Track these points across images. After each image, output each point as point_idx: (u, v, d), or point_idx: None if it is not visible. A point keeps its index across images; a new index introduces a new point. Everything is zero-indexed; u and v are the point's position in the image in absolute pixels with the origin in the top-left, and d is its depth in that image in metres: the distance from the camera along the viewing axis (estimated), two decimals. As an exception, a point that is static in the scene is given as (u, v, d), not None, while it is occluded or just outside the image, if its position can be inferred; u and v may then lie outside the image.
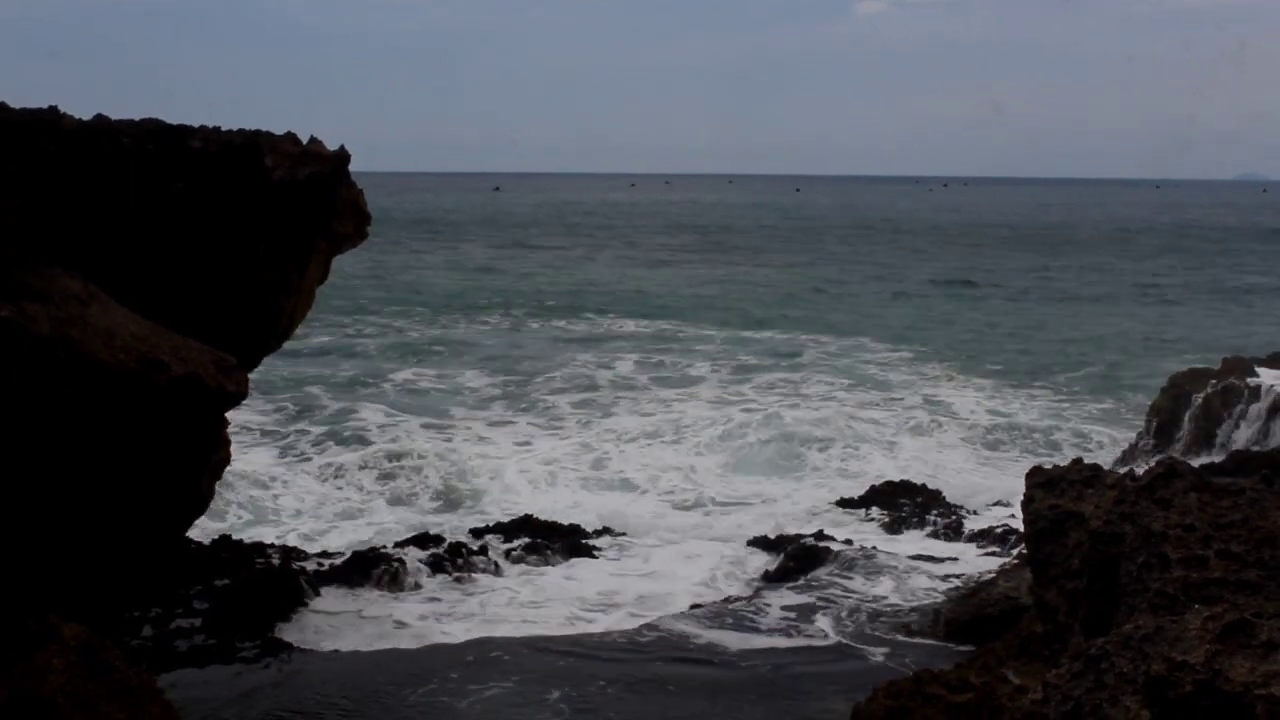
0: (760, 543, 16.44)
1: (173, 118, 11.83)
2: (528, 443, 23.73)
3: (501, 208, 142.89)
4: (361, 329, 39.76)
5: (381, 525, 17.71)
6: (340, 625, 13.08)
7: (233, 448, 11.40)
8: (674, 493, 20.14)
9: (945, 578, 14.60)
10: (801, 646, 12.52)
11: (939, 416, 26.45)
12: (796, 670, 11.86)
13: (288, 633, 12.75)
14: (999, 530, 16.75)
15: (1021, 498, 9.26)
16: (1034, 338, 38.97)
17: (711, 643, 12.58)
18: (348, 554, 14.51)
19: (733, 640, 12.63)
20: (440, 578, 14.43)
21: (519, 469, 21.63)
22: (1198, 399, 22.08)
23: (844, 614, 13.40)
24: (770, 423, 25.30)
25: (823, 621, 13.17)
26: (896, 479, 19.79)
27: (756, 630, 12.93)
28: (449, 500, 19.67)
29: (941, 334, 39.41)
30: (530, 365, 32.93)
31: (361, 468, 21.11)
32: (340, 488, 20.01)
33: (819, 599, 13.88)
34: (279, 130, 12.25)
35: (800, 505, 18.88)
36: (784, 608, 13.63)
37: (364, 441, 23.14)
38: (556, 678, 11.51)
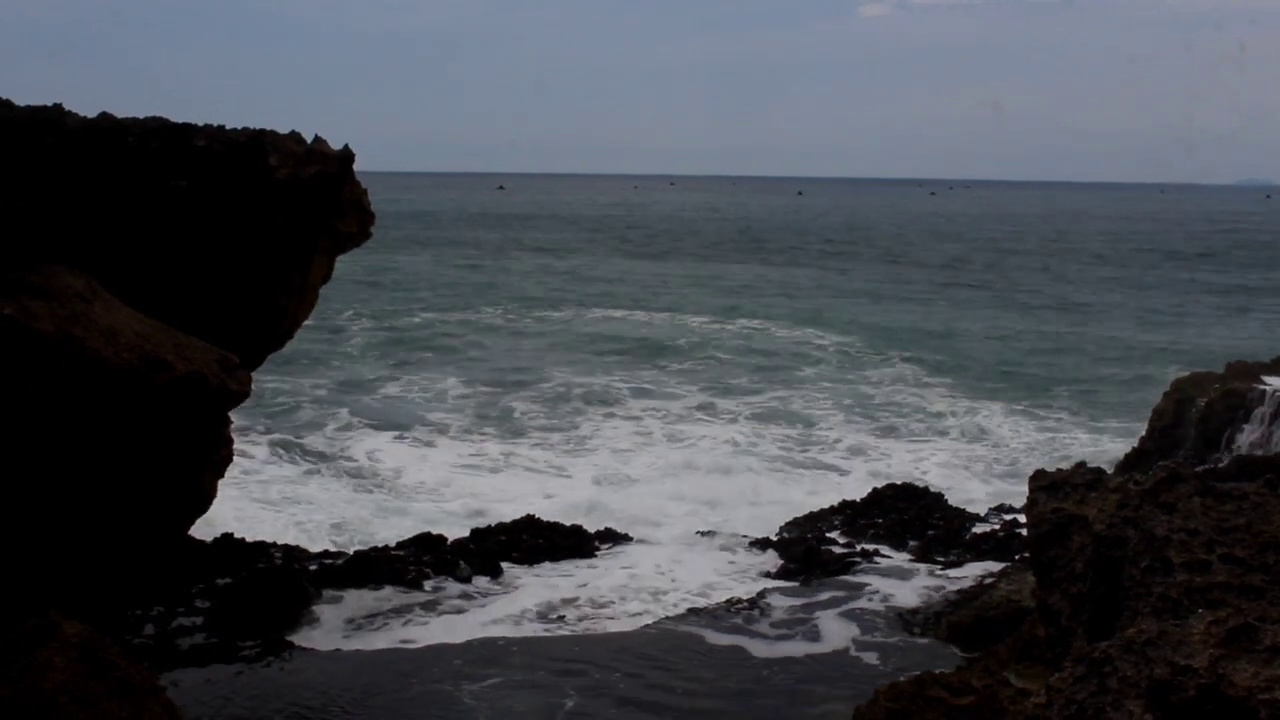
0: (762, 545, 16.42)
1: (174, 116, 11.84)
2: (525, 443, 23.71)
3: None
4: (355, 327, 39.87)
5: (376, 528, 17.68)
6: (342, 625, 13.08)
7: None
8: (676, 495, 20.12)
9: (947, 580, 14.58)
10: (803, 648, 12.50)
11: (938, 421, 26.45)
12: (798, 672, 11.85)
13: (290, 632, 12.74)
14: (1001, 533, 16.72)
15: (1024, 501, 9.26)
16: (1032, 344, 38.90)
17: (713, 644, 12.56)
18: (350, 554, 14.51)
19: (734, 642, 12.61)
20: (442, 578, 14.42)
21: (515, 470, 21.63)
22: (1201, 403, 22.03)
23: (845, 616, 13.37)
24: (770, 427, 25.31)
25: (824, 624, 13.15)
26: (899, 482, 19.76)
27: (758, 632, 12.91)
28: (443, 501, 19.65)
29: (942, 342, 39.30)
30: (524, 366, 32.95)
31: (343, 473, 21.14)
32: (331, 491, 20.00)
33: (821, 601, 13.86)
34: (283, 129, 12.26)
35: (803, 508, 18.85)
36: (785, 610, 13.61)
37: (349, 446, 23.20)
38: (559, 678, 11.50)
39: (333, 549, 15.60)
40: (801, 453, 23.34)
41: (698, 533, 17.41)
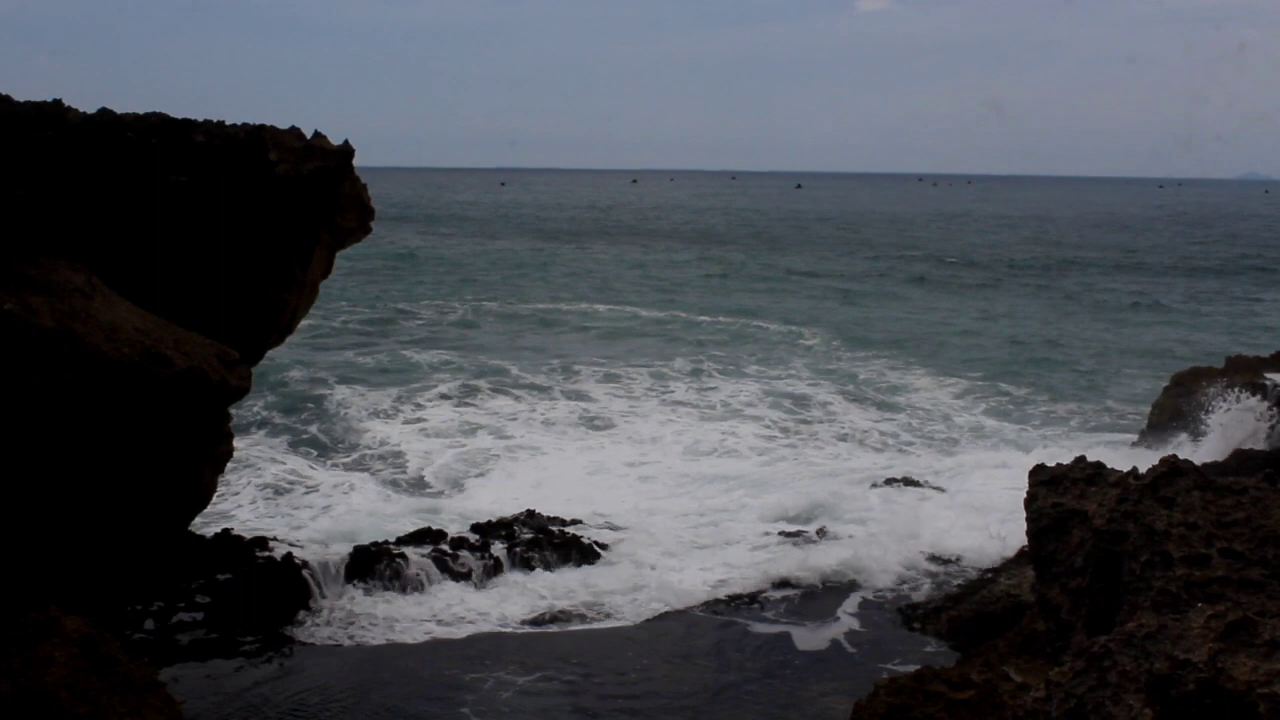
0: (763, 539, 16.43)
1: (175, 112, 11.83)
2: (526, 436, 23.70)
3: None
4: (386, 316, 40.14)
5: (372, 520, 17.66)
6: (342, 620, 13.10)
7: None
8: (676, 489, 20.13)
9: (947, 575, 14.61)
10: (802, 643, 12.54)
11: (931, 415, 26.48)
12: (797, 666, 11.88)
13: (289, 627, 12.77)
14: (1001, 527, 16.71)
15: (1024, 495, 9.26)
16: (1023, 339, 38.83)
17: (713, 639, 12.59)
18: (350, 549, 14.52)
19: (735, 636, 12.64)
20: (443, 573, 14.43)
21: (515, 463, 21.62)
22: (1201, 398, 22.01)
23: (846, 610, 13.41)
24: (766, 421, 25.34)
25: (824, 618, 13.19)
26: (899, 476, 19.78)
27: (758, 627, 12.94)
28: (440, 493, 19.63)
29: (928, 336, 39.16)
30: (518, 356, 32.99)
31: (339, 462, 21.16)
32: (325, 482, 19.99)
33: (820, 595, 13.89)
34: (283, 125, 12.26)
35: (802, 502, 18.85)
36: (785, 604, 13.64)
37: (347, 433, 23.24)
38: (558, 673, 11.52)
39: (333, 544, 15.60)
40: (799, 447, 23.34)
41: (696, 526, 17.42)
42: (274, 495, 19.04)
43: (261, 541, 14.54)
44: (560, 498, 18.61)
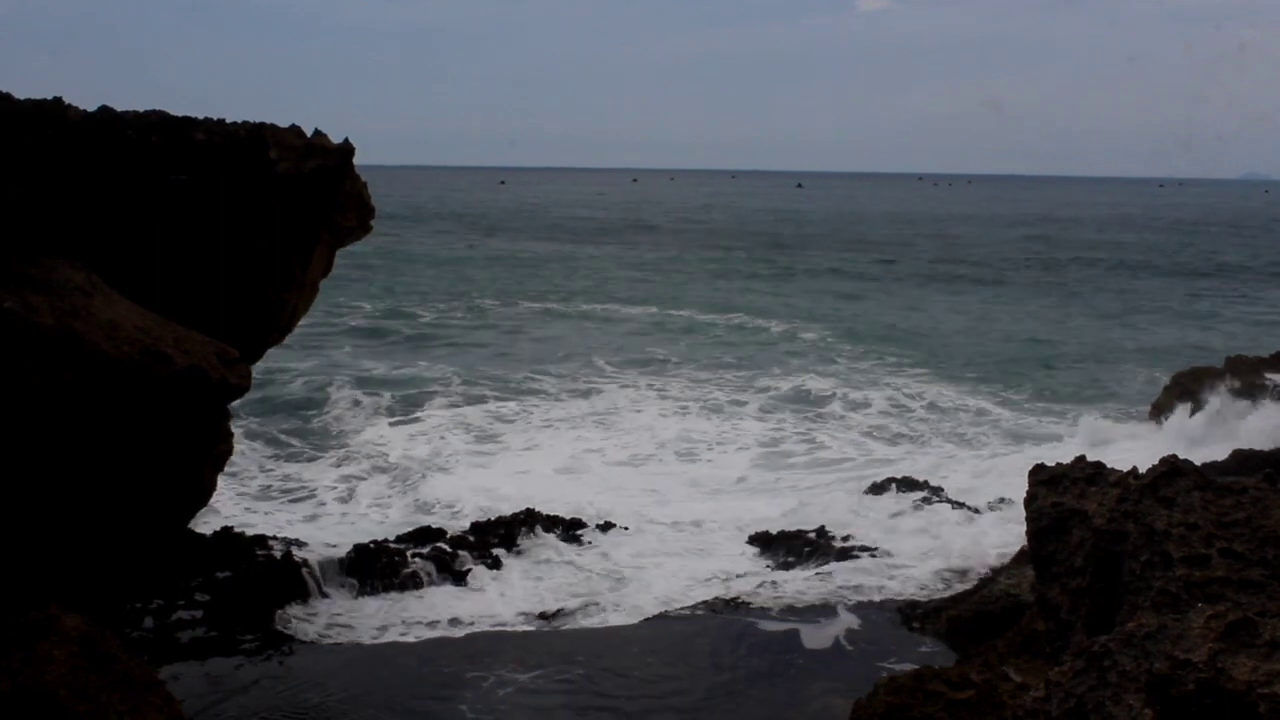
0: (761, 539, 16.44)
1: (175, 110, 11.81)
2: (526, 435, 23.71)
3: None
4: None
5: (370, 519, 17.67)
6: (342, 619, 13.11)
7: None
8: (676, 488, 20.14)
9: (947, 574, 14.61)
10: (802, 642, 12.52)
11: (930, 413, 26.49)
12: (798, 666, 11.87)
13: (289, 626, 12.77)
14: (1000, 526, 16.71)
15: (1024, 495, 9.27)
16: (1023, 337, 38.85)
17: (711, 638, 12.58)
18: (349, 548, 14.53)
19: (733, 635, 12.63)
20: (442, 572, 14.44)
21: (514, 462, 21.64)
22: (1201, 398, 22.03)
23: (845, 610, 13.39)
24: (768, 418, 25.35)
25: (823, 617, 13.17)
26: (898, 475, 19.78)
27: (757, 626, 12.93)
28: (438, 492, 19.63)
29: (928, 335, 39.19)
30: (518, 355, 33.04)
31: (340, 463, 21.18)
32: (320, 484, 19.99)
33: (820, 595, 13.87)
34: (283, 123, 12.25)
35: (801, 501, 18.88)
36: (785, 603, 13.62)
37: (345, 433, 23.28)
38: (557, 672, 11.52)
39: (332, 542, 15.62)
40: (801, 445, 23.36)
41: (695, 524, 17.43)
42: (272, 495, 19.06)
43: (261, 540, 14.56)
44: (560, 497, 18.63)
